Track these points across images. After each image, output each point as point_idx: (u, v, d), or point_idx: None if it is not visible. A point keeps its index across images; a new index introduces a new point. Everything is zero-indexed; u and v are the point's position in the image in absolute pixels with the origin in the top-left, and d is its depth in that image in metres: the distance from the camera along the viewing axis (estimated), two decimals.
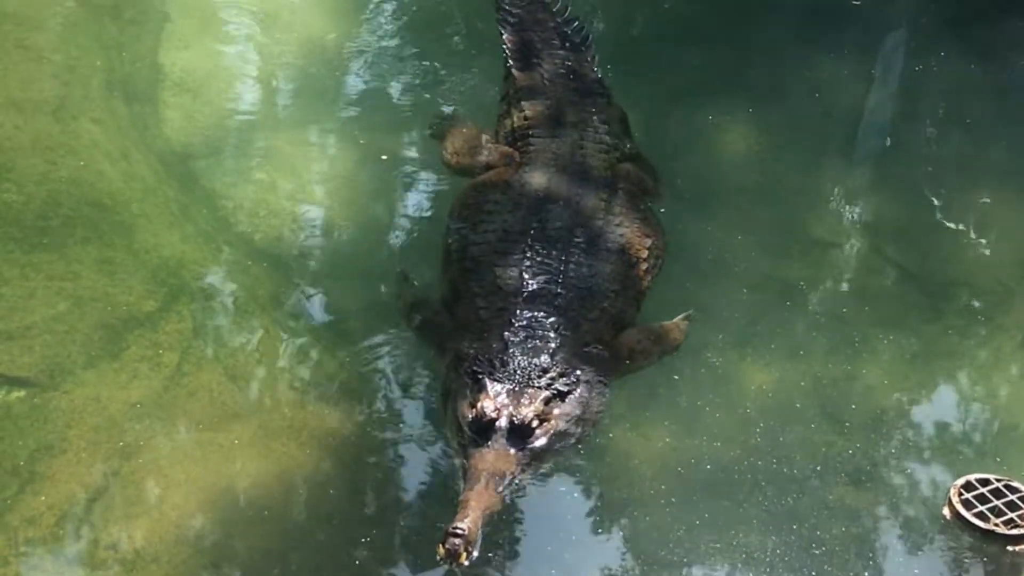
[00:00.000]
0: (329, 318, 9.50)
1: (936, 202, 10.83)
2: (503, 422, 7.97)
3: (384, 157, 10.85)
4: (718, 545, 8.12)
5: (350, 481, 8.37)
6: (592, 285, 8.97)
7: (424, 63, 12.12)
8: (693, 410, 8.89)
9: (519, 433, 7.97)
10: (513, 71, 10.83)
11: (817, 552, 8.08)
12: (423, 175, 10.82)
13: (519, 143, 10.20)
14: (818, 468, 8.58)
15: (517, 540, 8.04)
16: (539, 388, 8.19)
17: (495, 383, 8.17)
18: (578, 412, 8.29)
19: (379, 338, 9.32)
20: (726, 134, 11.40)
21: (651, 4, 13.42)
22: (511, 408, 8.03)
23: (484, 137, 10.45)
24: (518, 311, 8.71)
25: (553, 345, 8.50)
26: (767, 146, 11.30)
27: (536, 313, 8.70)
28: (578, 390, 8.33)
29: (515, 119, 10.42)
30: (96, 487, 8.08)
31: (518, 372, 8.27)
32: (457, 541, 7.23)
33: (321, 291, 9.70)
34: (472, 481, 7.68)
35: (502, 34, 11.14)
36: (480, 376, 8.24)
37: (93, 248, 9.54)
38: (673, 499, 8.35)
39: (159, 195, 10.13)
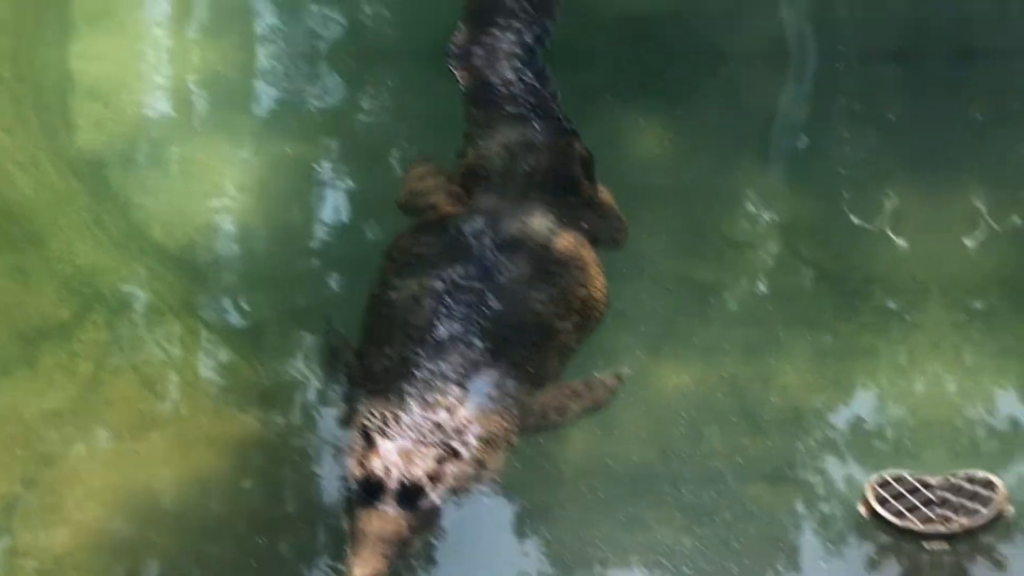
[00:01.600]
0: (245, 326, 9.46)
1: (850, 201, 10.88)
2: (392, 483, 7.76)
3: (314, 166, 10.81)
4: (642, 541, 8.09)
5: (268, 488, 8.33)
6: (510, 336, 8.68)
7: (344, 68, 12.08)
8: (612, 411, 8.86)
9: (409, 494, 7.75)
10: (471, 108, 10.62)
11: (736, 547, 8.09)
12: (340, 183, 10.79)
13: (469, 183, 9.88)
14: (737, 464, 8.62)
15: (436, 547, 7.96)
16: (431, 445, 7.98)
17: (386, 440, 7.95)
18: (472, 471, 8.10)
19: (295, 346, 9.27)
20: (640, 135, 11.41)
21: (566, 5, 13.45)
22: (401, 467, 7.81)
23: (438, 177, 10.16)
24: (421, 362, 8.44)
25: (453, 399, 8.26)
26: (681, 147, 11.32)
27: (441, 365, 8.42)
28: (474, 448, 8.14)
29: (469, 158, 10.14)
30: (13, 495, 8.03)
31: (412, 428, 8.05)
32: None
33: (237, 299, 9.65)
34: (358, 546, 7.50)
35: (453, 71, 10.95)
36: (371, 432, 8.03)
37: (6, 256, 9.49)
38: (596, 499, 8.34)
39: (71, 204, 10.08)
